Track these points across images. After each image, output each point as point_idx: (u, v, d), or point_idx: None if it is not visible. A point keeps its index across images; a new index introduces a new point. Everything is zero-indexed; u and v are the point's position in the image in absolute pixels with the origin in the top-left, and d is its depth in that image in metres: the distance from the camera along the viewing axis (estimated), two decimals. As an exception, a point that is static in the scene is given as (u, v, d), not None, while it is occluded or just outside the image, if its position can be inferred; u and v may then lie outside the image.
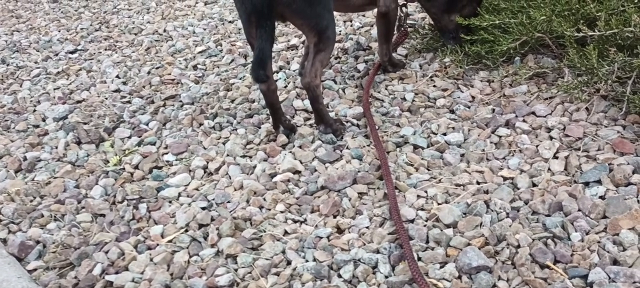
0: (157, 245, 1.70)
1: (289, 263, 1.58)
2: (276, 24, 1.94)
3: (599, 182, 1.69)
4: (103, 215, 1.86)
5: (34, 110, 2.61)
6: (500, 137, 1.96)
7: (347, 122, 2.15)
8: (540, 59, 2.30)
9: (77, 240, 1.75)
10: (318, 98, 2.04)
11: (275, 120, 2.12)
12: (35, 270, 1.68)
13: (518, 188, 1.73)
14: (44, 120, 2.52)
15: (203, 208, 1.81)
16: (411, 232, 1.60)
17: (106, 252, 1.69)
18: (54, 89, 2.79)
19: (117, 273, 1.62)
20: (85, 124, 2.42)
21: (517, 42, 2.23)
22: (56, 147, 2.28)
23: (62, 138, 2.32)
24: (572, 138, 1.89)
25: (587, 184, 1.70)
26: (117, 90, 2.71)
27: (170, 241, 1.71)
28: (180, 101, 2.52)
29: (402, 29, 2.50)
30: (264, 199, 1.82)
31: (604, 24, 1.99)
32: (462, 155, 1.91)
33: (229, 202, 1.83)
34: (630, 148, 1.80)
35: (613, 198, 1.61)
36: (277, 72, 2.60)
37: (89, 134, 2.30)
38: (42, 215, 1.88)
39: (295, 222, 1.73)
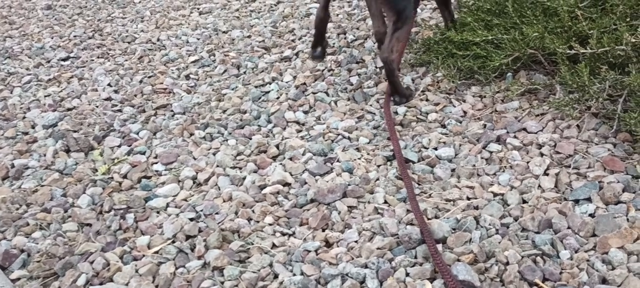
0: (143, 256, 1.68)
1: (276, 276, 1.56)
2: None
3: (589, 199, 1.69)
4: (89, 225, 1.84)
5: (24, 117, 2.59)
6: (491, 152, 1.96)
7: (338, 135, 2.14)
8: (532, 76, 2.30)
9: (62, 250, 1.73)
10: (393, 71, 2.23)
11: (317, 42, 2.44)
12: (18, 279, 1.66)
13: (508, 205, 1.72)
14: (33, 127, 2.50)
15: (191, 220, 1.80)
16: (400, 247, 1.59)
17: (91, 263, 1.67)
18: (45, 96, 2.77)
19: (101, 284, 1.60)
20: (75, 131, 2.40)
21: (510, 58, 2.24)
22: (44, 155, 2.26)
23: (51, 146, 2.30)
24: (562, 155, 1.89)
25: (577, 202, 1.69)
26: (109, 99, 2.69)
27: (156, 252, 1.69)
28: (172, 111, 2.50)
29: None
30: (253, 211, 1.81)
31: (595, 41, 2.00)
32: (453, 170, 1.90)
33: (217, 213, 1.82)
34: (621, 166, 1.79)
35: (603, 216, 1.61)
36: (270, 83, 2.59)
37: (78, 142, 2.28)
38: (28, 224, 1.86)
39: (283, 234, 1.71)
